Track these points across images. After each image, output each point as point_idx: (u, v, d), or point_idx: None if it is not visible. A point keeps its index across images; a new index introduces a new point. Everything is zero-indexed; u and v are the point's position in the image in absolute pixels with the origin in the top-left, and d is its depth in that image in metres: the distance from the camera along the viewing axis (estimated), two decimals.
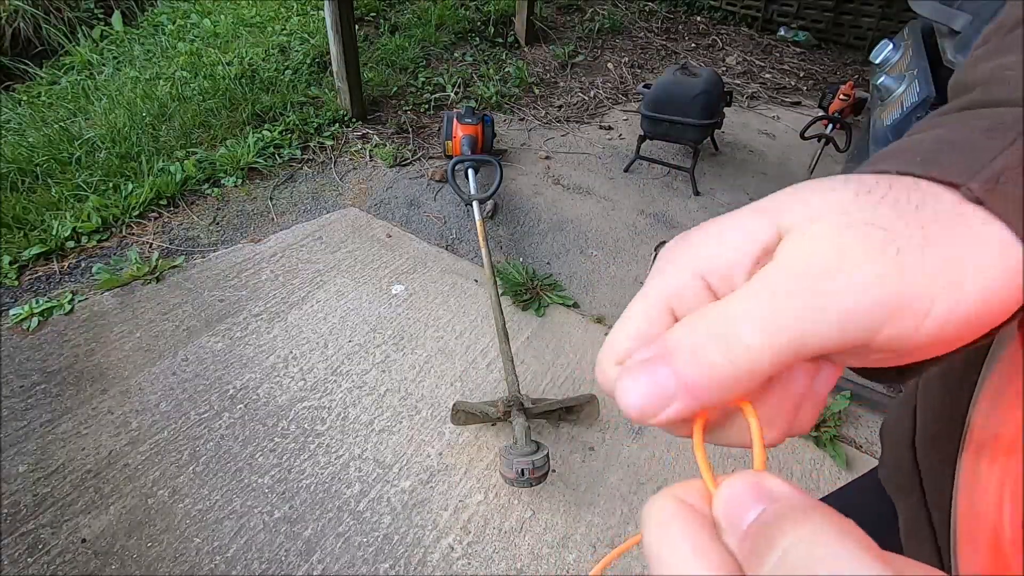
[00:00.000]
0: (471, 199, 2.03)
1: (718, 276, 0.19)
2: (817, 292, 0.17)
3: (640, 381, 0.18)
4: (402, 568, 1.16)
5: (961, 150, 0.19)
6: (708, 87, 2.44)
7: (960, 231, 0.17)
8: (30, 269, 1.77)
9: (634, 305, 0.21)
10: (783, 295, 0.17)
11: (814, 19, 4.99)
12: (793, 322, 0.17)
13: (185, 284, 1.79)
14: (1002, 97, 0.21)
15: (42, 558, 1.11)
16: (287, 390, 1.49)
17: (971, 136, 0.20)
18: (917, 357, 0.18)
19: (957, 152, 0.19)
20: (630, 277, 2.10)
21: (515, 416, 1.31)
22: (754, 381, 0.17)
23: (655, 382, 0.18)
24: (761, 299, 0.17)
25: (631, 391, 0.18)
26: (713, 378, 0.17)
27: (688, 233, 0.21)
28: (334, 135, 2.67)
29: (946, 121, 0.22)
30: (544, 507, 1.30)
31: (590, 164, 2.81)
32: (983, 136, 0.19)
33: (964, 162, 0.18)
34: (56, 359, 1.50)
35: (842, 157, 2.71)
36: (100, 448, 1.30)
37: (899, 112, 1.41)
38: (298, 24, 3.44)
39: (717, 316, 0.18)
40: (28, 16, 3.79)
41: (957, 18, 1.30)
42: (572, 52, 3.91)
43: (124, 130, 2.36)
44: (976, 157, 0.18)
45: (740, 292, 0.18)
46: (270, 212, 2.18)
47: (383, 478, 1.32)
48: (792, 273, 0.17)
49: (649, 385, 0.18)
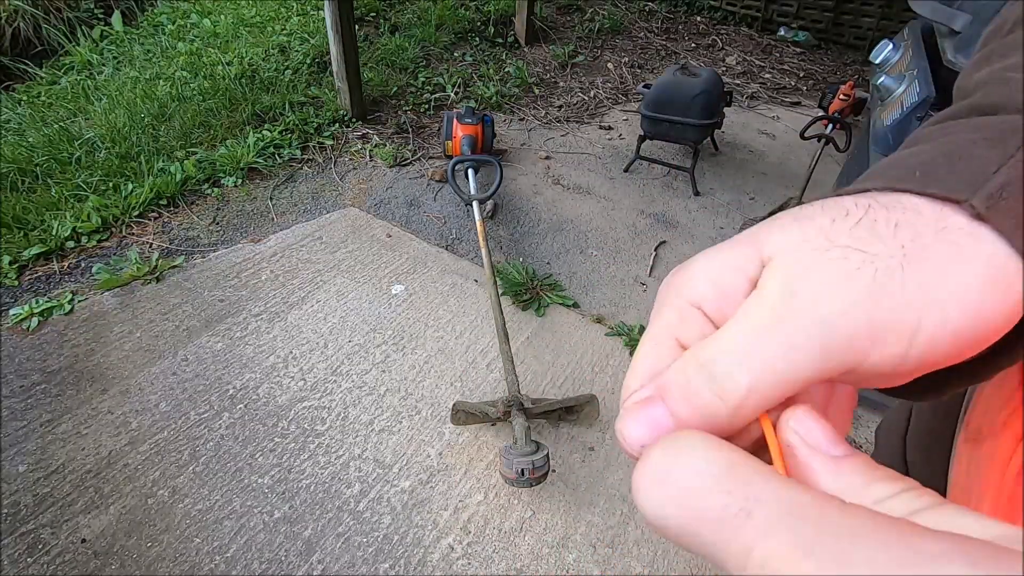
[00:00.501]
0: (471, 199, 2.03)
1: (712, 307, 0.20)
2: (796, 324, 0.17)
3: (638, 420, 0.18)
4: (402, 568, 1.16)
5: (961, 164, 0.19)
6: (708, 87, 2.44)
7: (942, 248, 0.17)
8: (30, 269, 1.77)
9: (642, 347, 0.21)
10: (763, 330, 0.17)
11: (814, 19, 4.99)
12: (775, 357, 0.17)
13: (185, 284, 1.79)
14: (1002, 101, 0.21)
15: (42, 558, 1.11)
16: (287, 390, 1.49)
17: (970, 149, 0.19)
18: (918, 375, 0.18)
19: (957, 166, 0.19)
20: (630, 277, 2.10)
21: (515, 416, 1.31)
22: (748, 416, 0.17)
23: (652, 419, 0.18)
24: (742, 336, 0.17)
25: (630, 429, 0.18)
26: (706, 417, 0.17)
27: (678, 269, 0.21)
28: (334, 135, 2.67)
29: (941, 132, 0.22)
30: (544, 507, 1.30)
31: (590, 164, 2.81)
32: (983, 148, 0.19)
33: (965, 177, 0.18)
34: (56, 359, 1.50)
35: (842, 157, 2.71)
36: (100, 448, 1.30)
37: (899, 112, 1.41)
38: (298, 24, 3.44)
39: (704, 354, 0.18)
40: (28, 16, 3.79)
41: (957, 18, 1.30)
42: (572, 52, 3.91)
43: (124, 130, 2.36)
44: (977, 171, 0.18)
45: (725, 328, 0.18)
46: (270, 212, 2.18)
47: (383, 478, 1.32)
48: (770, 306, 0.17)
49: (646, 423, 0.18)
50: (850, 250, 0.17)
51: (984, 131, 0.20)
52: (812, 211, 0.19)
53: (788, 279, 0.17)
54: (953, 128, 0.22)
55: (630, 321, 1.86)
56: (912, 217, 0.18)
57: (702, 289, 0.20)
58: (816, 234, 0.18)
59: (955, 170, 0.19)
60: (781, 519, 0.13)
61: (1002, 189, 0.17)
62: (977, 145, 0.19)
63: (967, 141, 0.20)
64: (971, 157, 0.19)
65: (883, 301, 0.16)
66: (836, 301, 0.16)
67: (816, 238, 0.18)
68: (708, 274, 0.20)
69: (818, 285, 0.17)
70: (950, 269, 0.16)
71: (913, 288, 0.16)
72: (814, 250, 0.18)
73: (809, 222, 0.19)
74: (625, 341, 1.78)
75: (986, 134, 0.20)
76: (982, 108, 0.22)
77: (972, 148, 0.19)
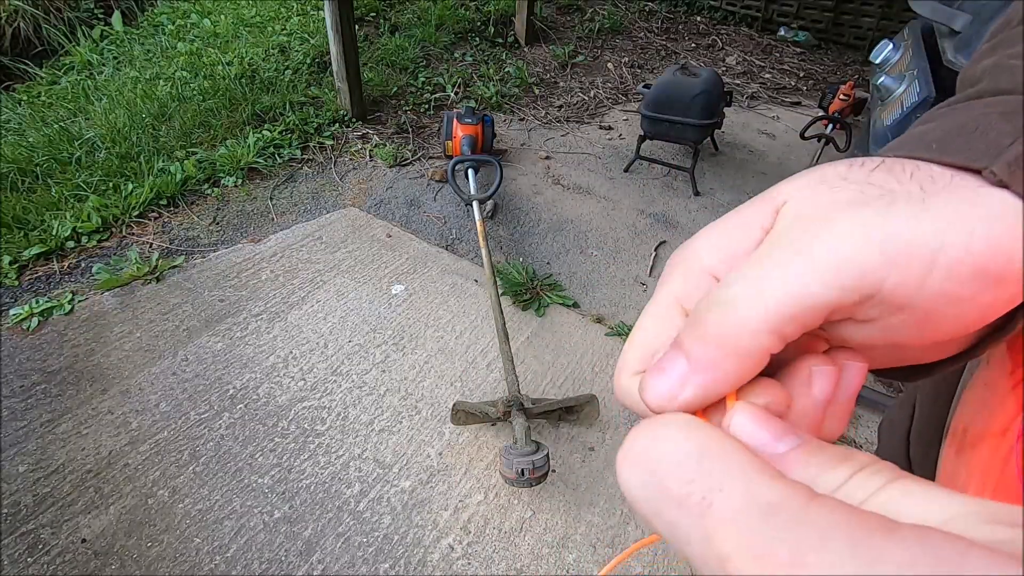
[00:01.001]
0: (471, 199, 2.03)
1: (725, 268, 0.19)
2: (809, 250, 0.16)
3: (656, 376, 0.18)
4: (402, 568, 1.16)
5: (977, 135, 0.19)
6: (708, 87, 2.44)
7: (959, 193, 0.17)
8: (30, 269, 1.77)
9: (644, 315, 0.20)
10: (777, 259, 0.17)
11: (814, 19, 4.99)
12: (788, 280, 0.16)
13: (185, 284, 1.79)
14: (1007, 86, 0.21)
15: (42, 558, 1.11)
16: (287, 390, 1.49)
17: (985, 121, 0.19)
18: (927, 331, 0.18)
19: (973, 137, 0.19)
20: (630, 277, 2.10)
21: (515, 416, 1.31)
22: (762, 349, 0.17)
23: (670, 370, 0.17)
24: (753, 264, 0.17)
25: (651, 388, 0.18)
26: (718, 348, 0.17)
27: (689, 240, 0.21)
28: (334, 135, 2.67)
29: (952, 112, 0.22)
30: (544, 507, 1.30)
31: (590, 164, 2.81)
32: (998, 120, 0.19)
33: (982, 146, 0.18)
34: (56, 359, 1.50)
35: (842, 157, 2.71)
36: (100, 448, 1.30)
37: (899, 112, 1.41)
38: (298, 24, 3.44)
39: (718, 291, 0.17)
40: (28, 16, 3.79)
41: (957, 18, 1.30)
42: (572, 52, 3.91)
43: (124, 130, 2.36)
44: (994, 140, 0.18)
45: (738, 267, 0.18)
46: (270, 212, 2.18)
47: (383, 478, 1.32)
48: (783, 237, 0.17)
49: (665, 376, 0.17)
50: (867, 185, 0.17)
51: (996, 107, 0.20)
52: (829, 164, 0.19)
53: (800, 210, 0.17)
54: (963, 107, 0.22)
55: (630, 321, 1.86)
56: (927, 170, 0.18)
57: (710, 254, 0.19)
58: (833, 176, 0.18)
59: (971, 141, 0.19)
60: (740, 514, 0.13)
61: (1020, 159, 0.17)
62: (991, 118, 0.19)
63: (980, 115, 0.20)
64: (987, 128, 0.19)
65: (902, 224, 0.16)
66: (850, 222, 0.16)
67: (832, 178, 0.18)
68: (716, 238, 0.20)
69: (831, 211, 0.17)
70: (974, 201, 0.16)
71: (936, 214, 0.16)
72: (831, 188, 0.18)
73: (825, 169, 0.19)
74: (625, 341, 1.78)
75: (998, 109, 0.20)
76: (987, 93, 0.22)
77: (987, 120, 0.19)
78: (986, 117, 0.20)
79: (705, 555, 0.13)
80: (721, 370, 0.17)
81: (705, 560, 0.13)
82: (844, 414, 0.20)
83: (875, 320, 0.17)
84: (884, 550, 0.11)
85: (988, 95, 0.22)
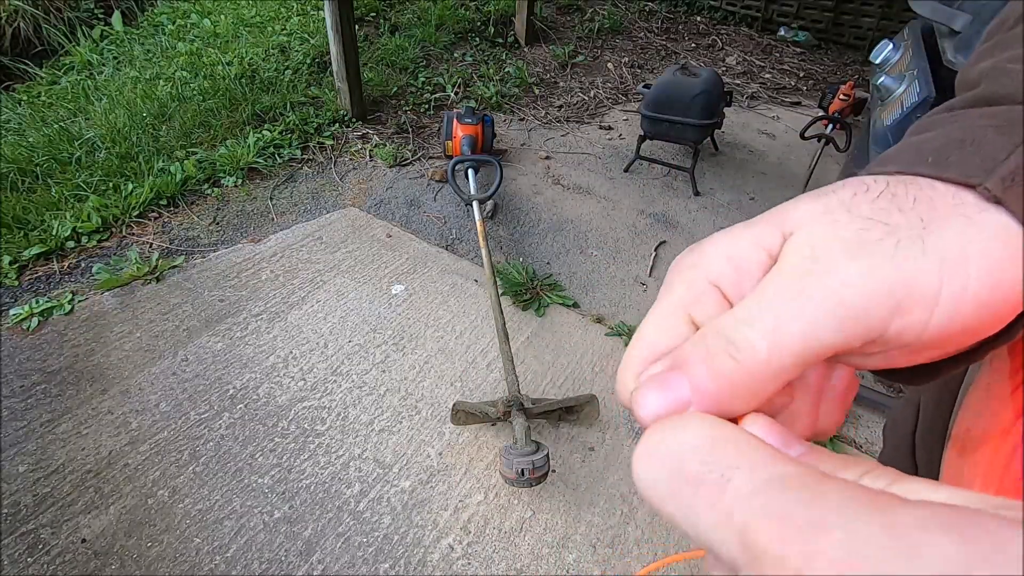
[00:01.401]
0: (471, 199, 2.03)
1: (730, 284, 0.19)
2: (817, 292, 0.17)
3: (655, 392, 0.18)
4: (402, 568, 1.16)
5: (972, 149, 0.19)
6: (708, 87, 2.44)
7: (959, 221, 0.17)
8: (30, 269, 1.77)
9: (647, 321, 0.20)
10: (784, 299, 0.17)
11: (814, 19, 4.99)
12: (797, 325, 0.17)
13: (185, 284, 1.79)
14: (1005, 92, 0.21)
15: (42, 558, 1.11)
16: (287, 390, 1.49)
17: (981, 135, 0.20)
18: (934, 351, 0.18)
19: (968, 151, 0.19)
20: (630, 277, 2.10)
21: (515, 416, 1.31)
22: (770, 386, 0.17)
23: (670, 391, 0.18)
24: (764, 304, 0.17)
25: (648, 401, 0.18)
26: (727, 384, 0.17)
27: (696, 245, 0.21)
28: (334, 135, 2.67)
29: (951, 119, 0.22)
30: (544, 507, 1.30)
31: (590, 164, 2.81)
32: (993, 134, 0.19)
33: (977, 161, 0.18)
34: (56, 359, 1.50)
35: (842, 157, 2.71)
36: (100, 448, 1.30)
37: (899, 112, 1.41)
38: (298, 24, 3.44)
39: (726, 324, 0.18)
40: (28, 16, 3.79)
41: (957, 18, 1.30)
42: (572, 52, 3.91)
43: (124, 130, 2.37)
44: (989, 155, 0.18)
45: (747, 299, 0.18)
46: (270, 212, 2.18)
47: (383, 478, 1.32)
48: (792, 275, 0.17)
49: (665, 394, 0.18)
50: (871, 221, 0.17)
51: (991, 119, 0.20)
52: (833, 187, 0.19)
53: (809, 249, 0.18)
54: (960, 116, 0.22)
55: (630, 321, 1.86)
56: (929, 192, 0.18)
57: (719, 266, 0.20)
58: (837, 206, 0.18)
59: (966, 155, 0.19)
60: (759, 486, 0.13)
61: (1013, 174, 0.18)
62: (986, 131, 0.20)
63: (976, 127, 0.20)
64: (982, 142, 0.19)
65: (904, 269, 0.16)
66: (857, 269, 0.17)
67: (837, 210, 0.18)
68: (726, 251, 0.20)
69: (839, 254, 0.17)
70: (969, 238, 0.17)
71: (933, 256, 0.17)
72: (835, 222, 0.18)
73: (830, 196, 0.19)
74: (625, 341, 1.78)
75: (993, 122, 0.20)
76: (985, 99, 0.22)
77: (982, 134, 0.20)
78: (981, 130, 0.20)
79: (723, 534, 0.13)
80: (727, 406, 0.17)
81: (723, 540, 0.13)
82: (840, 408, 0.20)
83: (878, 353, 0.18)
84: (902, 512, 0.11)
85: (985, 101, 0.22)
